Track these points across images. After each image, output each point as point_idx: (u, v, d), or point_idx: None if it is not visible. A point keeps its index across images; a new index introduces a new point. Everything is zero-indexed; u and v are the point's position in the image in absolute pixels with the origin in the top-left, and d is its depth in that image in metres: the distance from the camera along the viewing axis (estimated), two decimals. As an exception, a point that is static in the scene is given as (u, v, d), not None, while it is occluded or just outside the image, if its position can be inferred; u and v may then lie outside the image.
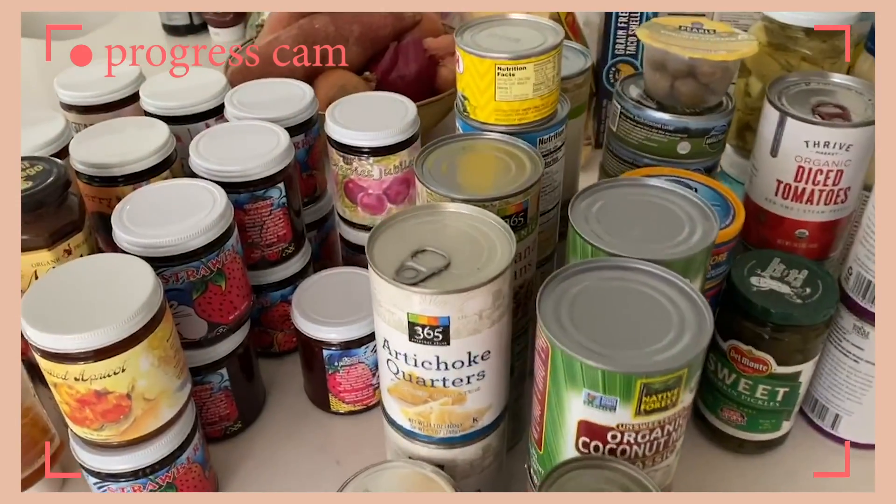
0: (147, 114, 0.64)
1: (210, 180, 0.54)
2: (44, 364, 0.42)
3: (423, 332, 0.38)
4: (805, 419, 0.58)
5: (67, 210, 0.50)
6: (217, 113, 0.64)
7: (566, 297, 0.37)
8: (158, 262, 0.47)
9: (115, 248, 0.49)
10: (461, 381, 0.40)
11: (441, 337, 0.38)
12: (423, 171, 0.46)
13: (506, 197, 0.43)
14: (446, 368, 0.39)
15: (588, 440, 0.36)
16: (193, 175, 0.55)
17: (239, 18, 1.21)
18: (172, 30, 1.25)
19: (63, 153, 0.59)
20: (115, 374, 0.42)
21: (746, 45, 0.52)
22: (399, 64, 0.87)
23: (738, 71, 0.55)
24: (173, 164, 0.58)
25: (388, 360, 0.41)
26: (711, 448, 0.56)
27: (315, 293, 0.58)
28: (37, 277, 0.49)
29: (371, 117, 0.59)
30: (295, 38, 0.85)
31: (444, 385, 0.40)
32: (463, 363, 0.39)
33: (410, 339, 0.38)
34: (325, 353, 0.55)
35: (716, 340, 0.53)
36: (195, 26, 1.24)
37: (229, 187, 0.54)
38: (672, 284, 0.37)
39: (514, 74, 0.47)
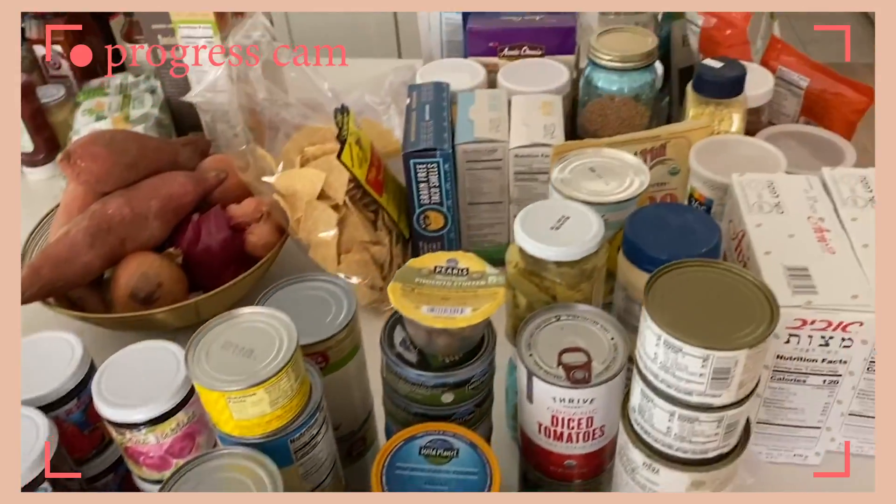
0: None
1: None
2: None
3: None
4: None
5: None
6: (-17, 382, 0.61)
7: None
8: None
9: None
10: None
11: None
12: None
13: (239, 555, 0.43)
14: None
15: None
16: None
17: (51, 156, 1.16)
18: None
19: None
20: None
21: (492, 293, 0.53)
22: (203, 236, 0.85)
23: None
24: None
25: None
26: None
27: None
28: None
29: (141, 382, 0.58)
30: (87, 229, 0.82)
31: None
32: None
33: None
34: None
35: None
36: (5, 167, 1.17)
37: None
38: None
39: (245, 401, 0.46)
